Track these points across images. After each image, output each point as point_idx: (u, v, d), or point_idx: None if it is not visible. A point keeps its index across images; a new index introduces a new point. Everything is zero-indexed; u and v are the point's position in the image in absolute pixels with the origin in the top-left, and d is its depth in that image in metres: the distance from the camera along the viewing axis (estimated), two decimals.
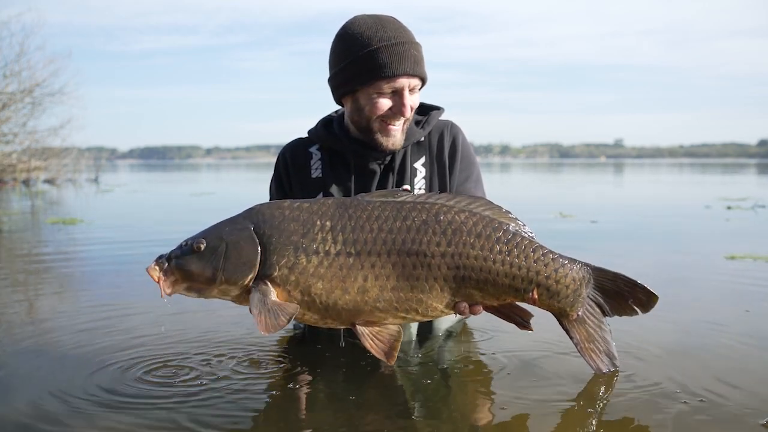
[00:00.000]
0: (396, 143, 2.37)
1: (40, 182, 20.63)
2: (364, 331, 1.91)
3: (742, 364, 2.37)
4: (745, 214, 8.63)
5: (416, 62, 2.29)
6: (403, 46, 2.28)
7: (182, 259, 1.84)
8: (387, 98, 2.29)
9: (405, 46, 2.29)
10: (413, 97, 2.34)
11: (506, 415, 1.92)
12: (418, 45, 2.34)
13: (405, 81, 2.27)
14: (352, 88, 2.32)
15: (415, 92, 2.35)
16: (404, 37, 2.31)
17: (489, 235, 1.90)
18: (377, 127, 2.33)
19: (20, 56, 19.40)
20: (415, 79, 2.31)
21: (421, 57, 2.33)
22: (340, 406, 2.01)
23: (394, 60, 2.25)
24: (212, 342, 2.65)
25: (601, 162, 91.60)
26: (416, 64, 2.29)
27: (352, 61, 2.28)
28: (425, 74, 2.34)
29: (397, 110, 2.29)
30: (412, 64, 2.28)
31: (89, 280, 4.33)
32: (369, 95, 2.30)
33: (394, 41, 2.27)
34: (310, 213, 1.89)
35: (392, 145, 2.37)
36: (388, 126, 2.33)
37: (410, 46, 2.30)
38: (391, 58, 2.25)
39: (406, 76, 2.27)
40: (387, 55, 2.25)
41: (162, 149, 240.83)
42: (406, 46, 2.29)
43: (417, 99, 2.37)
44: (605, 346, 2.04)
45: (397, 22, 2.37)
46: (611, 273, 2.03)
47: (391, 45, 2.26)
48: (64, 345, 2.66)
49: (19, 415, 1.94)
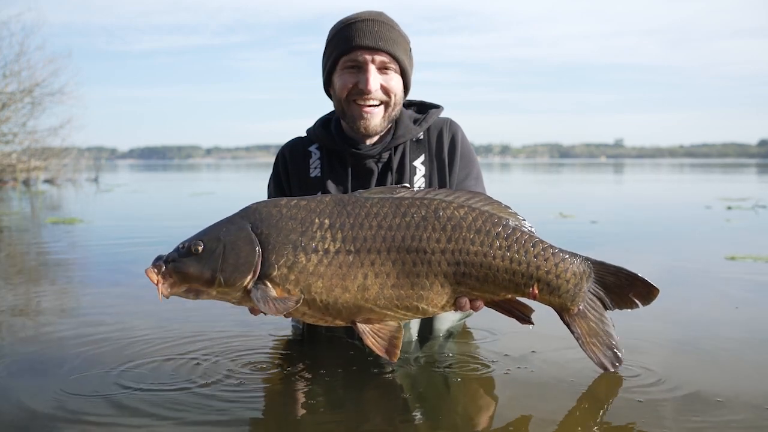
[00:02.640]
0: (371, 127, 2.32)
1: (40, 182, 20.60)
2: (365, 329, 1.90)
3: (743, 363, 2.36)
4: (746, 215, 8.62)
5: (381, 38, 2.25)
6: (367, 23, 2.26)
7: (180, 261, 1.83)
8: (353, 74, 2.29)
9: (370, 23, 2.26)
10: (387, 77, 2.29)
11: (507, 416, 1.91)
12: (390, 27, 2.29)
13: (368, 55, 2.25)
14: (328, 71, 2.35)
15: (389, 72, 2.30)
16: (376, 17, 2.29)
17: (489, 231, 1.89)
18: (350, 109, 2.32)
19: (20, 56, 19.42)
20: (381, 54, 2.26)
21: (391, 37, 2.28)
22: (339, 407, 2.00)
23: (356, 33, 2.26)
24: (211, 343, 2.63)
25: (602, 162, 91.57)
26: (380, 39, 2.25)
27: (327, 44, 2.36)
28: (394, 51, 2.28)
29: (362, 85, 2.26)
30: (374, 38, 2.24)
31: (89, 279, 4.32)
32: (339, 74, 2.31)
33: (360, 19, 2.28)
34: (309, 211, 1.88)
35: (366, 129, 2.33)
36: (360, 108, 2.30)
37: (376, 24, 2.26)
38: (354, 32, 2.27)
39: (368, 49, 2.24)
40: (351, 30, 2.27)
41: (162, 149, 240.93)
42: (371, 23, 2.26)
43: (394, 82, 2.31)
44: (608, 339, 2.03)
45: (382, 12, 2.36)
46: (612, 267, 2.02)
47: (357, 22, 2.28)
48: (64, 345, 2.65)
49: (18, 415, 1.92)
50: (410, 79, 2.40)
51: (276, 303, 1.79)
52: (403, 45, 2.34)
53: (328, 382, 2.20)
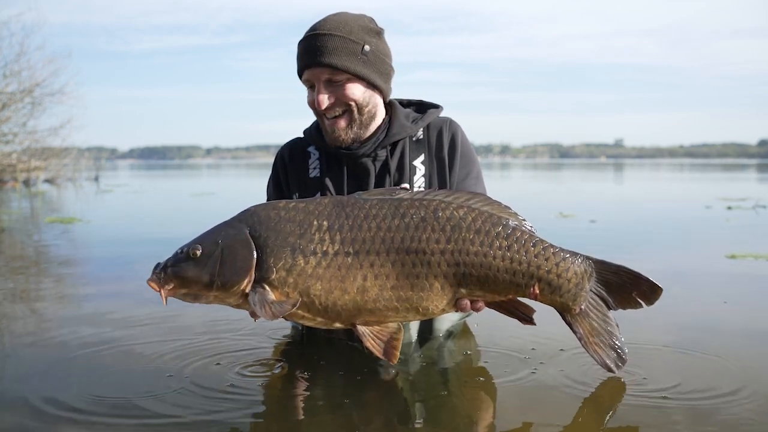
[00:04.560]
0: (341, 138, 2.32)
1: (40, 182, 20.61)
2: (364, 331, 1.89)
3: (745, 364, 2.35)
4: (746, 214, 8.62)
5: (322, 52, 2.20)
6: (311, 39, 2.24)
7: (178, 266, 1.83)
8: (311, 92, 2.32)
9: (314, 38, 2.23)
10: (338, 88, 2.25)
11: (509, 418, 1.90)
12: (339, 37, 2.21)
13: (316, 72, 2.25)
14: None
15: (339, 84, 2.24)
16: (320, 28, 2.24)
17: (488, 231, 1.88)
18: (323, 124, 2.36)
19: (20, 56, 19.43)
20: (324, 70, 2.23)
21: (333, 47, 2.20)
22: (339, 409, 1.99)
23: (302, 53, 2.27)
24: (211, 344, 2.63)
25: (602, 162, 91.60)
26: (321, 54, 2.19)
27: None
28: (337, 63, 2.20)
29: (316, 104, 2.28)
30: (314, 54, 2.21)
31: (89, 279, 4.31)
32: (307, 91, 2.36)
33: (306, 36, 2.27)
34: (307, 213, 1.87)
35: (336, 140, 2.33)
36: (325, 121, 2.32)
37: (319, 39, 2.22)
38: (301, 52, 2.28)
39: (311, 68, 2.25)
40: (299, 50, 2.29)
41: (162, 149, 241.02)
42: (315, 38, 2.23)
43: (350, 90, 2.25)
44: (611, 339, 2.00)
45: (346, 15, 2.30)
46: (614, 266, 2.00)
47: (303, 39, 2.27)
48: (64, 345, 2.65)
49: (17, 418, 1.92)
50: (376, 75, 2.29)
51: (272, 307, 1.77)
52: (350, 49, 2.22)
53: (327, 383, 2.19)
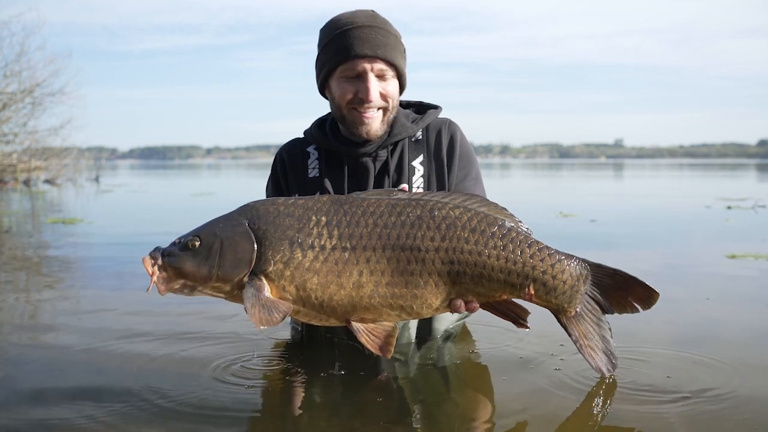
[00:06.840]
0: (372, 132, 2.34)
1: (41, 182, 20.61)
2: (359, 327, 1.90)
3: (746, 364, 2.35)
4: (746, 214, 8.62)
5: (379, 45, 2.25)
6: (363, 29, 2.25)
7: (177, 256, 1.83)
8: (352, 83, 2.30)
9: (366, 29, 2.25)
10: (385, 83, 2.30)
11: (506, 420, 1.91)
12: (386, 31, 2.29)
13: (367, 64, 2.25)
14: (324, 77, 2.35)
15: (387, 79, 2.31)
16: (370, 22, 2.28)
17: (484, 230, 1.88)
18: (351, 116, 2.33)
19: (20, 56, 19.43)
20: (379, 63, 2.27)
21: (387, 42, 2.27)
22: (338, 410, 2.00)
23: (354, 42, 2.25)
24: (211, 344, 2.63)
25: (601, 162, 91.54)
26: (378, 47, 2.25)
27: (322, 49, 2.34)
28: (392, 58, 2.29)
29: (362, 95, 2.28)
30: (373, 46, 2.24)
31: (90, 280, 4.31)
32: (338, 82, 2.32)
33: (356, 25, 2.26)
34: (305, 209, 1.89)
35: (368, 134, 2.34)
36: (360, 114, 2.31)
37: (373, 30, 2.26)
38: (351, 40, 2.25)
39: (366, 58, 2.25)
40: (347, 39, 2.26)
41: (162, 149, 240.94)
42: (368, 30, 2.25)
43: (392, 87, 2.32)
44: (603, 344, 2.00)
45: (374, 13, 2.35)
46: (610, 269, 2.00)
47: (352, 29, 2.26)
48: (64, 345, 2.65)
49: (17, 417, 1.92)
50: (406, 78, 2.41)
51: (262, 311, 1.75)
52: (398, 47, 2.33)
53: (326, 384, 2.19)
